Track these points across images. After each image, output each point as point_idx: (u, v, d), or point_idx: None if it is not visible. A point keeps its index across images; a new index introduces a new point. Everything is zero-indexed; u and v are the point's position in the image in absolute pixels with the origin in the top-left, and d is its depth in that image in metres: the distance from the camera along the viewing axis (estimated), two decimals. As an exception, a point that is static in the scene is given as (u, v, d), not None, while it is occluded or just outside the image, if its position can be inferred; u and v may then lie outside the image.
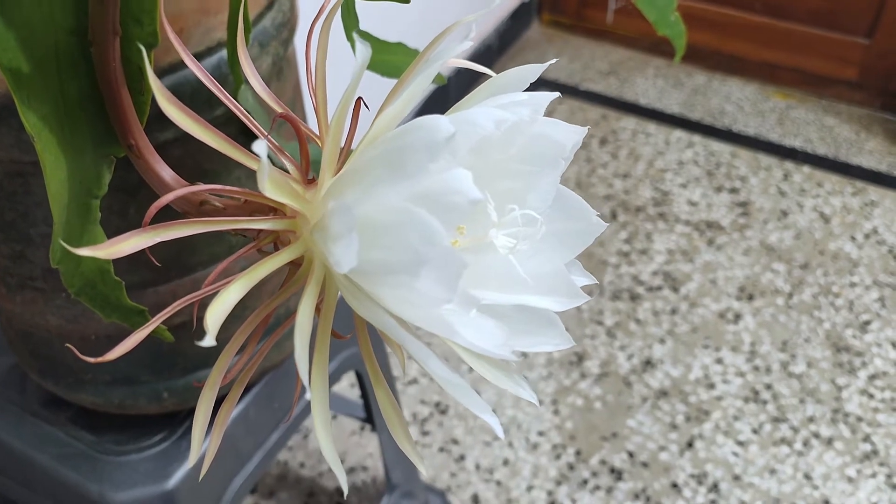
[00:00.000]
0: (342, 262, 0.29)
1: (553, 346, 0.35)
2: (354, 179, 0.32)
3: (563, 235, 0.36)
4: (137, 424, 0.80)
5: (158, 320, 0.34)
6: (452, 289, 0.29)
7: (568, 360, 1.63)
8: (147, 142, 0.41)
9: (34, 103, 0.37)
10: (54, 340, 0.75)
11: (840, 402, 1.57)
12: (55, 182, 0.40)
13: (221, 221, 0.35)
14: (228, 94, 0.60)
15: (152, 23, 0.39)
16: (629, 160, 2.06)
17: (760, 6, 2.21)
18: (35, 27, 0.37)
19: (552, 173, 0.36)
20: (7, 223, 0.63)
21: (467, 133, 0.30)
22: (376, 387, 0.39)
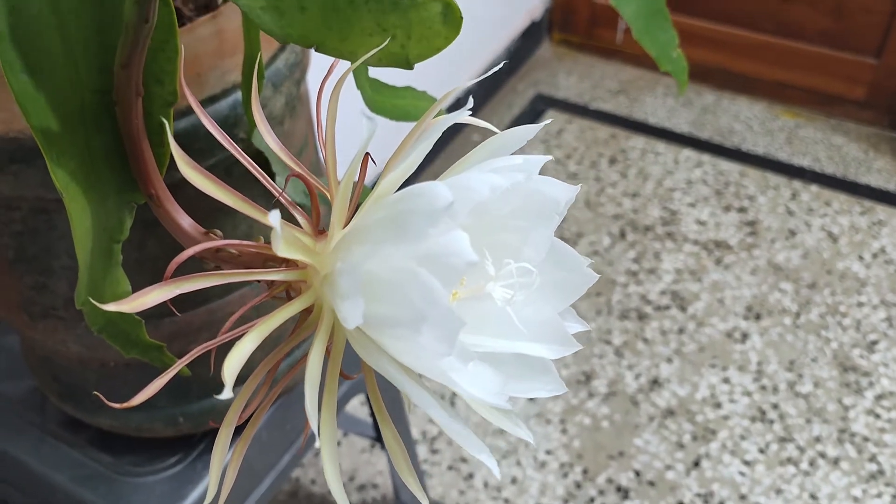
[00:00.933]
0: (349, 319, 0.32)
1: (547, 392, 0.37)
2: (361, 237, 0.34)
3: (557, 285, 0.39)
4: (154, 447, 0.82)
5: (178, 367, 0.36)
6: (451, 345, 0.31)
7: (576, 379, 1.64)
8: (167, 192, 0.44)
9: (62, 159, 0.40)
10: (74, 366, 0.77)
11: (847, 422, 1.58)
12: (81, 230, 0.42)
13: (237, 274, 0.37)
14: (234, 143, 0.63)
15: (172, 82, 0.41)
16: (638, 179, 2.07)
17: (770, 26, 2.23)
18: (63, 89, 0.39)
19: (547, 227, 0.38)
20: (31, 256, 0.66)
21: (464, 198, 0.32)
22: (382, 426, 0.41)
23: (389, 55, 0.37)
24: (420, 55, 0.37)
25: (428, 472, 1.49)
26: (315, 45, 0.37)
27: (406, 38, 0.36)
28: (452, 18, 0.36)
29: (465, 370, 0.34)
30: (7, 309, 0.74)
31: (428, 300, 0.31)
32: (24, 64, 0.38)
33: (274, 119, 0.68)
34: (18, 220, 0.64)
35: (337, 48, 0.37)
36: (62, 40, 0.39)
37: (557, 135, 2.20)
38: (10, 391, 0.89)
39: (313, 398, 0.33)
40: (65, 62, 0.39)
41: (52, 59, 0.39)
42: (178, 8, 0.65)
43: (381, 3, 0.36)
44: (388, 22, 0.36)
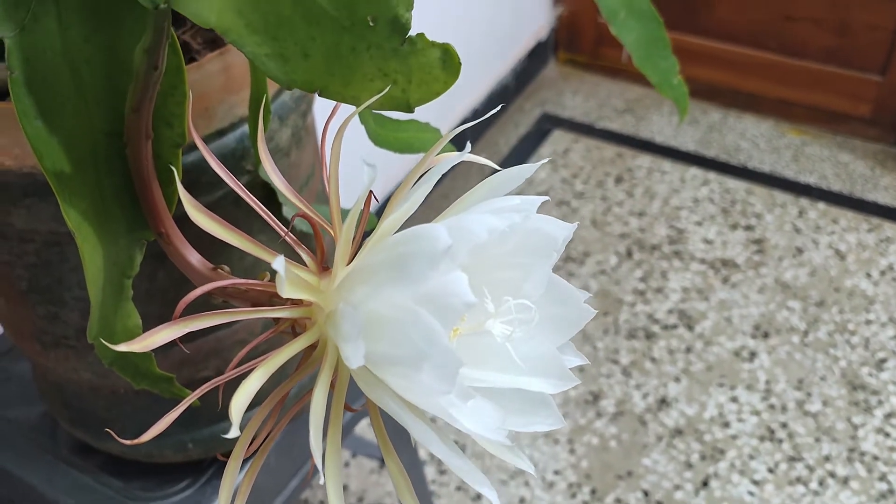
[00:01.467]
0: (351, 359, 0.33)
1: (546, 427, 0.38)
2: (363, 278, 0.36)
3: (555, 321, 0.40)
4: (164, 472, 0.83)
5: (186, 404, 0.37)
6: (451, 383, 0.32)
7: (584, 399, 1.65)
8: (176, 229, 0.45)
9: (74, 200, 0.41)
10: (85, 393, 0.78)
11: (856, 441, 1.57)
12: (93, 268, 0.44)
13: (244, 312, 0.38)
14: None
15: (181, 125, 0.43)
16: (645, 198, 2.08)
17: (775, 44, 2.24)
18: (75, 133, 0.41)
19: (545, 264, 0.39)
20: (43, 287, 0.67)
21: (463, 240, 0.33)
22: (386, 457, 0.42)
23: (391, 99, 0.38)
24: (420, 99, 0.38)
25: (436, 492, 1.50)
26: (319, 90, 0.38)
27: (407, 83, 0.38)
28: (451, 64, 0.37)
29: (465, 407, 0.35)
30: (20, 337, 0.76)
31: (428, 340, 0.32)
32: (38, 110, 0.39)
33: (280, 151, 0.70)
34: (32, 252, 0.65)
35: (340, 93, 0.38)
36: (75, 87, 0.40)
37: (564, 154, 2.22)
38: (22, 417, 0.90)
39: (318, 435, 0.34)
40: (77, 108, 0.40)
41: (65, 105, 0.40)
42: (187, 41, 0.66)
43: (382, 50, 0.37)
44: (389, 67, 0.37)
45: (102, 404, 0.79)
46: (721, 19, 2.26)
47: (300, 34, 0.37)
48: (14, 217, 0.61)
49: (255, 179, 0.67)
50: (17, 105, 0.39)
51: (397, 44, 0.37)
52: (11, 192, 0.59)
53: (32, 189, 0.59)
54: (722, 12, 2.26)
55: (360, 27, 0.37)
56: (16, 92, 0.39)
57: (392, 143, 0.58)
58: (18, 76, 0.39)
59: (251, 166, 0.66)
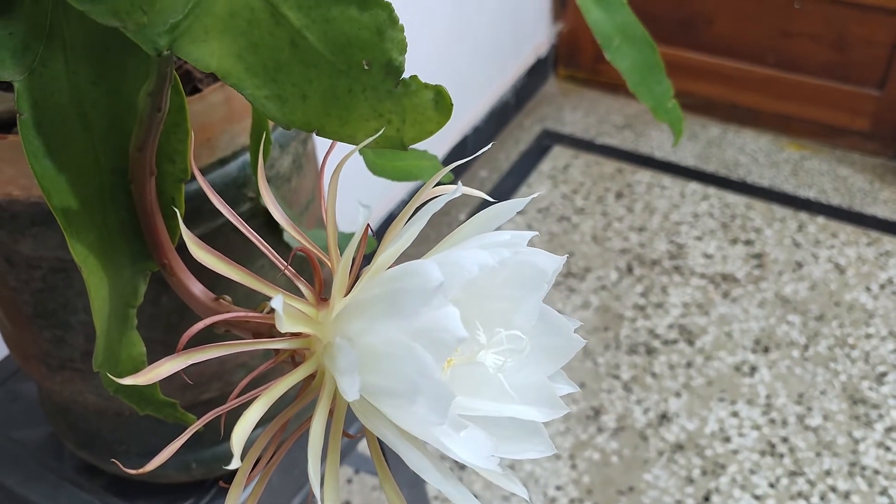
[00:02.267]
0: (347, 392, 0.34)
1: (537, 454, 0.39)
2: (360, 312, 0.37)
3: (546, 350, 0.41)
4: (167, 492, 0.84)
5: (189, 433, 0.38)
6: (444, 415, 0.34)
7: (585, 414, 1.65)
8: (179, 261, 0.47)
9: (81, 235, 0.43)
10: (90, 415, 0.80)
11: (857, 455, 1.58)
12: (99, 300, 0.45)
13: (245, 344, 0.39)
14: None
15: (184, 161, 0.44)
16: (644, 213, 2.10)
17: (773, 60, 2.26)
18: (82, 170, 0.42)
19: (536, 296, 0.40)
20: (49, 311, 0.69)
21: (454, 276, 0.35)
22: (383, 482, 0.43)
23: (386, 139, 0.39)
24: (414, 138, 0.39)
25: (439, 509, 1.51)
26: (316, 130, 0.39)
27: (401, 123, 0.39)
28: (443, 105, 0.39)
29: (458, 437, 0.36)
30: (26, 360, 0.77)
31: (422, 374, 0.33)
32: (46, 150, 0.41)
33: (282, 177, 0.71)
34: (38, 278, 0.66)
35: (337, 132, 0.39)
36: (82, 128, 0.41)
37: (564, 170, 2.23)
38: (28, 438, 0.91)
39: (316, 463, 0.36)
40: (84, 147, 0.42)
41: (73, 145, 0.42)
42: (189, 70, 0.68)
43: (377, 92, 0.38)
44: (383, 108, 0.39)
45: (107, 426, 0.80)
46: (719, 35, 2.28)
47: (298, 77, 0.39)
48: (21, 245, 0.63)
49: (256, 206, 0.69)
50: (26, 146, 0.41)
51: (391, 86, 0.38)
52: (19, 221, 0.60)
53: (39, 218, 0.60)
54: (720, 28, 2.28)
55: (355, 70, 0.38)
56: (25, 133, 0.40)
57: (390, 172, 0.60)
58: (28, 118, 0.40)
59: (253, 193, 0.68)
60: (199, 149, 0.64)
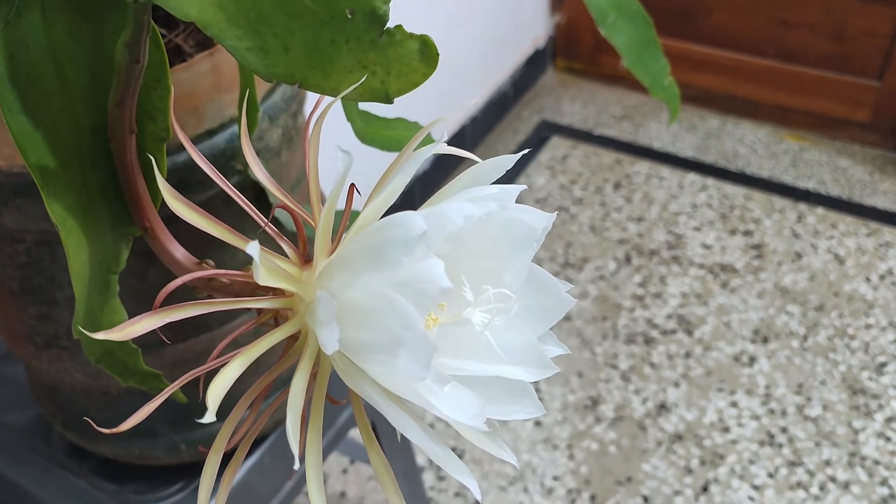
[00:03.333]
0: (327, 345, 0.33)
1: (526, 415, 0.38)
2: (342, 267, 0.36)
3: (536, 310, 0.40)
4: (157, 475, 0.83)
5: (168, 392, 0.37)
6: (426, 368, 0.33)
7: (583, 404, 1.64)
8: (161, 224, 0.45)
9: (59, 195, 0.42)
10: (78, 395, 0.79)
11: (857, 446, 1.57)
12: (78, 263, 0.44)
13: (225, 302, 0.38)
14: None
15: (165, 119, 0.43)
16: (643, 204, 2.08)
17: (772, 51, 2.25)
18: (60, 128, 0.41)
19: (525, 254, 0.39)
20: (34, 287, 0.68)
21: (439, 227, 0.34)
22: (369, 449, 0.42)
23: (370, 90, 0.38)
24: (399, 90, 0.38)
25: (435, 499, 1.49)
26: (299, 83, 0.38)
27: (385, 75, 0.38)
28: (429, 55, 0.37)
29: (443, 393, 0.35)
30: (13, 339, 0.76)
31: (404, 325, 0.32)
32: (22, 105, 0.40)
33: (271, 151, 0.70)
34: (23, 252, 0.65)
35: (320, 85, 0.38)
36: (59, 83, 0.40)
37: (562, 160, 2.22)
38: (16, 421, 0.90)
39: (296, 421, 0.34)
40: (62, 103, 0.41)
41: (50, 100, 0.40)
42: (179, 44, 0.67)
43: (360, 42, 0.37)
44: (367, 59, 0.38)
45: (95, 406, 0.79)
46: (718, 26, 2.27)
47: (280, 28, 0.37)
48: (5, 217, 0.61)
49: (245, 180, 0.68)
50: (1, 101, 0.39)
51: (375, 36, 0.37)
52: (2, 191, 0.59)
53: (23, 188, 0.59)
54: (719, 19, 2.26)
55: (338, 20, 0.37)
56: (0, 88, 0.39)
57: (379, 141, 0.58)
58: (3, 72, 0.39)
59: (241, 166, 0.67)
60: (186, 118, 0.63)
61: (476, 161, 0.42)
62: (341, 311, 0.35)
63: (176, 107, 0.62)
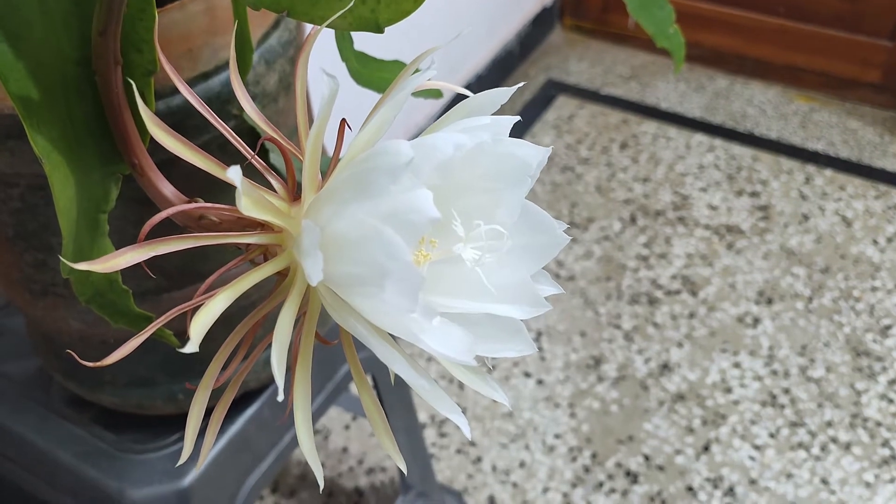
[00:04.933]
0: (311, 275, 0.32)
1: (517, 353, 0.37)
2: (329, 198, 0.35)
3: (529, 248, 0.39)
4: (155, 424, 0.83)
5: (153, 328, 0.37)
6: (413, 300, 0.32)
7: (585, 363, 1.64)
8: (149, 160, 0.44)
9: (43, 128, 0.41)
10: (76, 343, 0.78)
11: (859, 407, 1.57)
12: (64, 199, 0.43)
13: (211, 237, 0.38)
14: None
15: (151, 51, 0.42)
16: (649, 164, 2.07)
17: (783, 9, 2.21)
18: (43, 58, 0.40)
19: (519, 190, 0.38)
20: (29, 233, 0.67)
21: (428, 156, 0.33)
22: (360, 391, 0.41)
23: (360, 19, 0.37)
24: (389, 19, 0.37)
25: (436, 455, 1.50)
26: (286, 11, 0.37)
27: (376, 3, 0.37)
28: (420, -19, 0.36)
29: (432, 328, 0.34)
30: (9, 287, 0.76)
31: (390, 255, 0.31)
32: (3, 33, 0.39)
33: (268, 96, 0.69)
34: (17, 197, 0.64)
35: (307, 13, 0.37)
36: (41, 11, 0.39)
37: (569, 120, 2.20)
38: (15, 371, 0.90)
39: (281, 354, 0.34)
40: (44, 32, 0.40)
41: (32, 29, 0.39)
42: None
43: (349, -33, 0.36)
44: (357, -15, 0.36)
45: (93, 355, 0.78)
46: (729, -16, 2.23)
47: (267, -48, 0.36)
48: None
49: (241, 125, 0.67)
50: (-19, 29, 0.38)
51: (365, -40, 0.36)
52: (-7, 134, 0.58)
53: (15, 130, 0.58)
54: (730, -24, 2.23)
55: (327, -57, 0.36)
56: (-21, 15, 0.38)
57: (375, 83, 0.57)
58: (-18, -2, 0.38)
59: (237, 111, 0.65)
60: (180, 60, 0.61)
61: (468, 95, 0.41)
62: (328, 243, 0.34)
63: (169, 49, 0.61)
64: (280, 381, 0.33)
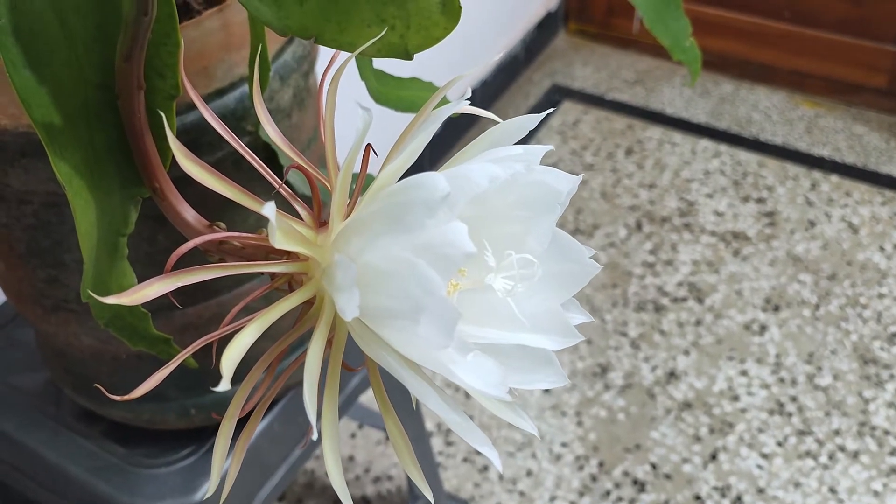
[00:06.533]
0: (346, 311, 0.32)
1: (549, 384, 0.37)
2: (360, 230, 0.34)
3: (559, 277, 0.38)
4: (167, 439, 0.83)
5: (179, 359, 0.36)
6: (449, 336, 0.31)
7: (592, 371, 1.64)
8: (171, 184, 0.44)
9: (65, 153, 0.40)
10: (87, 359, 0.78)
11: (867, 415, 1.56)
12: (85, 224, 0.43)
13: (238, 266, 0.37)
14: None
15: (174, 76, 0.42)
16: (655, 170, 2.06)
17: (789, 14, 2.20)
18: (66, 83, 0.40)
19: (549, 218, 0.38)
20: (43, 249, 0.67)
21: (463, 189, 0.32)
22: (385, 416, 0.41)
23: (389, 46, 0.37)
24: (419, 46, 0.36)
25: (443, 464, 1.50)
26: (314, 37, 0.36)
27: (405, 29, 0.36)
28: (451, 8, 0.36)
29: (465, 362, 0.34)
30: (22, 302, 0.75)
31: (426, 291, 0.31)
32: (26, 59, 0.38)
33: (282, 111, 0.68)
34: (30, 214, 0.64)
35: (336, 39, 0.36)
36: (64, 37, 0.39)
37: (574, 125, 2.19)
38: (26, 384, 0.90)
39: (312, 389, 0.33)
40: (67, 58, 0.39)
41: (55, 55, 0.39)
42: (188, 1, 0.65)
43: (379, -6, 0.36)
44: (386, 12, 0.36)
45: (105, 370, 0.78)
46: (734, -11, 2.23)
47: (295, -22, 0.36)
48: (11, 178, 0.60)
49: (256, 141, 0.66)
50: (3, 55, 0.38)
51: (395, -13, 0.35)
52: (8, 151, 0.58)
53: (30, 149, 0.58)
54: (735, -19, 2.22)
55: (356, -30, 0.35)
56: (3, 41, 0.38)
57: (394, 102, 0.57)
58: (5, 24, 0.37)
59: (251, 127, 0.65)
60: (195, 77, 0.61)
61: (496, 121, 0.41)
62: (359, 276, 0.33)
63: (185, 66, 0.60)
64: (313, 417, 0.32)
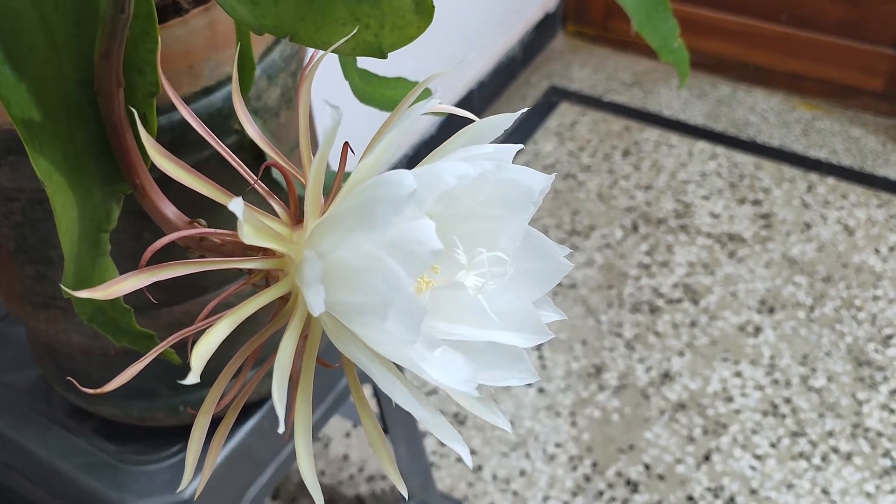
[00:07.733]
0: (313, 306, 0.32)
1: (519, 381, 0.37)
2: (333, 226, 0.35)
3: (532, 275, 0.39)
4: (157, 436, 0.83)
5: (156, 352, 0.37)
6: (415, 331, 0.32)
7: (586, 372, 1.64)
8: (151, 181, 0.44)
9: (45, 149, 0.41)
10: (77, 355, 0.78)
11: (860, 417, 1.56)
12: (66, 219, 0.43)
13: (214, 262, 0.37)
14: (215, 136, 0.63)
15: (153, 73, 0.42)
16: (651, 172, 2.06)
17: (786, 17, 2.21)
18: (45, 80, 0.40)
19: (521, 216, 0.38)
20: (30, 246, 0.67)
21: (430, 186, 0.32)
22: (362, 414, 0.41)
23: (363, 44, 0.37)
24: (393, 44, 0.37)
25: (436, 464, 1.50)
26: (290, 35, 0.37)
27: (379, 28, 0.37)
28: (424, 7, 0.36)
29: (434, 358, 0.34)
30: (11, 299, 0.76)
31: (392, 287, 0.31)
32: (4, 56, 0.39)
33: (269, 111, 0.69)
34: (18, 211, 0.64)
35: (311, 38, 0.37)
36: (44, 33, 0.39)
37: (571, 127, 2.20)
38: (17, 381, 0.90)
39: (282, 384, 0.34)
40: (47, 54, 0.40)
41: (34, 51, 0.39)
42: (177, 1, 0.65)
43: (353, -7, 0.36)
44: (361, 11, 0.36)
45: (94, 367, 0.78)
46: (732, -9, 2.23)
47: (270, -23, 0.36)
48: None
49: (243, 140, 0.67)
50: (-17, 51, 0.38)
51: (368, -14, 0.36)
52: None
53: (17, 146, 0.58)
54: (732, -17, 2.22)
55: (330, -31, 0.36)
56: (-18, 37, 0.38)
57: (378, 101, 0.57)
58: (-15, 21, 0.38)
59: (238, 126, 0.65)
60: (181, 76, 0.61)
61: (474, 120, 0.41)
62: (330, 272, 0.34)
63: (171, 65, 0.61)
64: (281, 412, 0.33)
